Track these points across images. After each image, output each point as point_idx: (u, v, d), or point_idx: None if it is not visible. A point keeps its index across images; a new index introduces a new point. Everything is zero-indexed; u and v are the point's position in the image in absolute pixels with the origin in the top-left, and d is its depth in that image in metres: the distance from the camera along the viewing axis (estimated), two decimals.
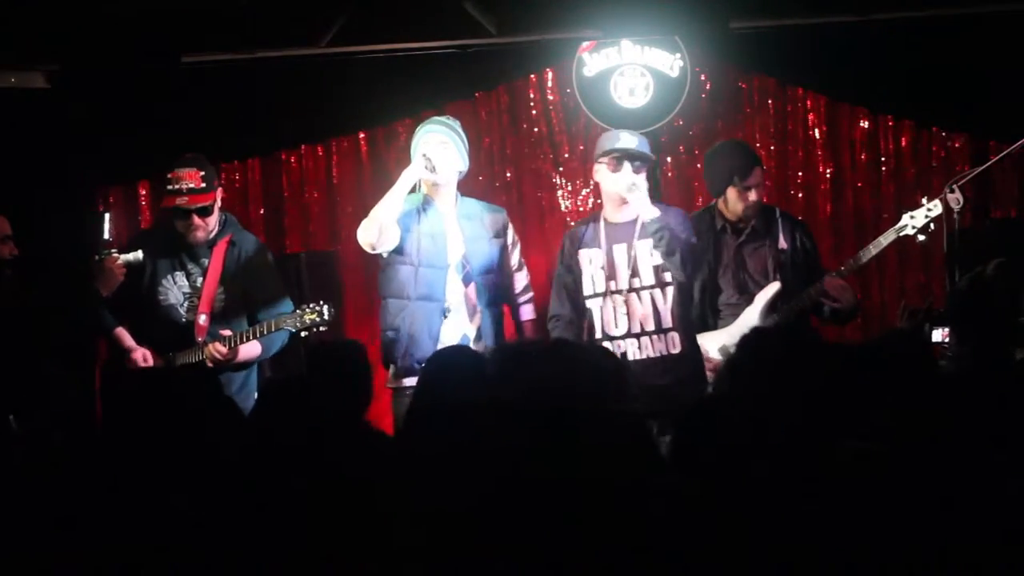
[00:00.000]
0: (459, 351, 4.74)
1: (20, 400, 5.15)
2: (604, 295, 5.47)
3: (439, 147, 5.54)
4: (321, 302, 5.40)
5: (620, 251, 5.48)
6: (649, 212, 5.36)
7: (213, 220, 5.53)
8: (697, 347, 5.52)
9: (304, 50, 6.51)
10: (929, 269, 6.82)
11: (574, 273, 5.56)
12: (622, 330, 5.41)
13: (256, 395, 5.30)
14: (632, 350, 5.40)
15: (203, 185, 5.43)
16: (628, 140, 5.48)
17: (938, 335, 5.10)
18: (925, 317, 5.10)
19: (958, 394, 3.43)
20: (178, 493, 3.00)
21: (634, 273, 5.45)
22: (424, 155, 5.48)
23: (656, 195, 5.86)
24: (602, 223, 5.56)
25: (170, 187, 5.46)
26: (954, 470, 2.90)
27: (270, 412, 3.53)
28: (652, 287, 5.43)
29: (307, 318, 5.35)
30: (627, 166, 5.42)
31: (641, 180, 5.44)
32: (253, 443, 3.31)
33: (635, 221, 5.47)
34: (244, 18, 6.19)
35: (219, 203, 5.57)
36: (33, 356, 5.36)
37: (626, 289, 5.43)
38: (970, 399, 3.45)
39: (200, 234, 5.50)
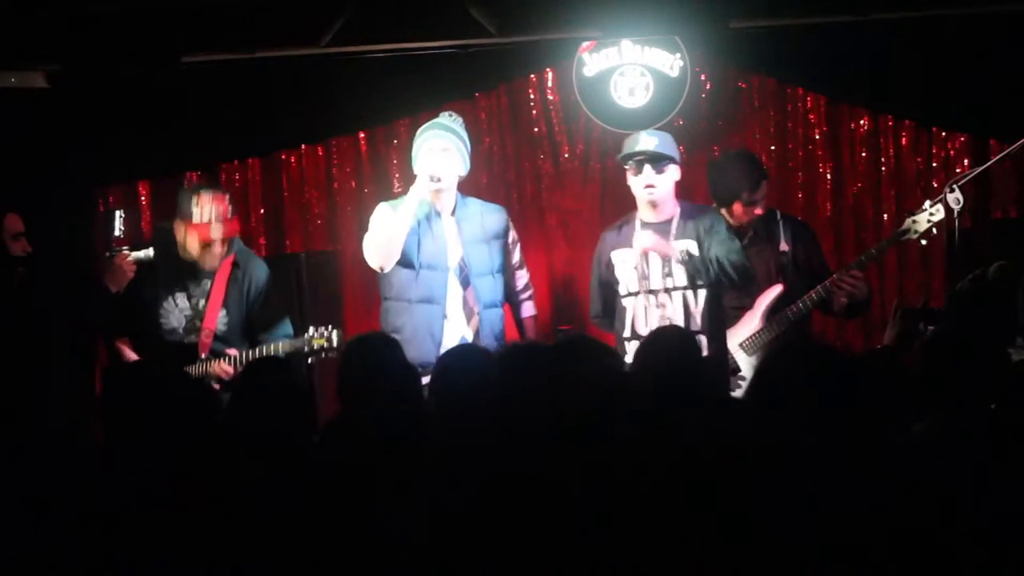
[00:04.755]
0: (469, 351, 4.67)
1: (23, 399, 5.14)
2: (637, 294, 5.45)
3: (441, 155, 5.53)
4: (329, 327, 5.34)
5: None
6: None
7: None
8: (724, 352, 5.46)
9: (304, 50, 6.49)
10: (929, 269, 6.82)
11: (609, 273, 5.55)
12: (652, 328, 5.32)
13: None
14: None
15: (230, 213, 5.34)
16: (646, 142, 5.49)
17: None
18: (920, 317, 5.08)
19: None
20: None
21: (668, 272, 5.44)
22: (430, 176, 5.46)
23: None
24: (637, 223, 5.57)
25: (196, 210, 5.28)
26: (954, 471, 2.91)
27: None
28: (685, 288, 5.42)
29: (315, 343, 5.30)
30: (647, 169, 5.41)
31: (662, 179, 5.43)
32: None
33: (669, 221, 5.48)
34: (244, 18, 6.19)
35: None
36: (38, 354, 5.34)
37: (660, 289, 5.40)
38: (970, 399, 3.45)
39: (216, 261, 5.41)
